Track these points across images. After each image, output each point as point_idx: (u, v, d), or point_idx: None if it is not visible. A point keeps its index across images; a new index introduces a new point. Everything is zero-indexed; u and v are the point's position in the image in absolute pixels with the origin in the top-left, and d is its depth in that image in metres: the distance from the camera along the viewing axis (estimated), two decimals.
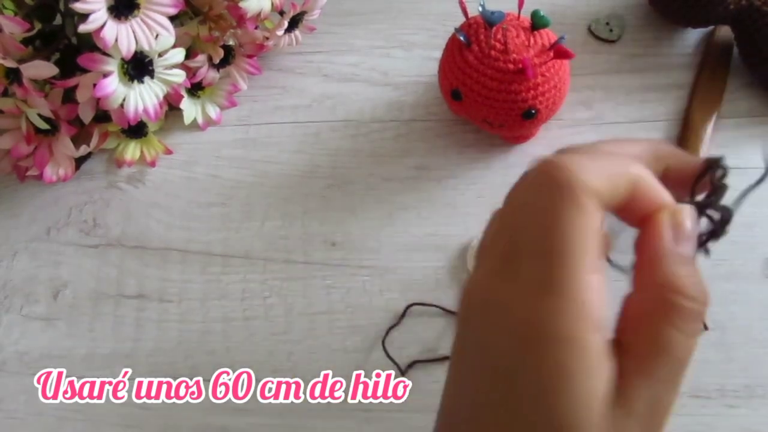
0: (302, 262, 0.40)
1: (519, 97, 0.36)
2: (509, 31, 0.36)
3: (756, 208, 0.40)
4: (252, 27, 0.41)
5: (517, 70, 0.36)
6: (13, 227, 0.43)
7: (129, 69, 0.37)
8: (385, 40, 0.47)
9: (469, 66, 0.37)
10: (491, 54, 0.36)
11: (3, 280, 0.41)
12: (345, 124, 0.44)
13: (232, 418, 0.36)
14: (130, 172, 0.44)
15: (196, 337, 0.39)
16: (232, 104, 0.45)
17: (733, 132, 0.42)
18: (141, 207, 0.43)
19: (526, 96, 0.36)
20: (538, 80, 0.36)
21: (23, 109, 0.37)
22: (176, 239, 0.41)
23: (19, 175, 0.42)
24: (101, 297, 0.40)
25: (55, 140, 0.40)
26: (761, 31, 0.41)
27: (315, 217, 0.41)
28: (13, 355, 0.39)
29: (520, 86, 0.36)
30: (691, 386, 0.33)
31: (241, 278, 0.40)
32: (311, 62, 0.47)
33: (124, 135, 0.43)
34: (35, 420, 0.37)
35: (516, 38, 0.36)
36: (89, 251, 0.41)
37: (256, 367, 0.37)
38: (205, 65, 0.42)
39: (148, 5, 0.35)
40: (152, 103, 0.39)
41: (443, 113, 0.44)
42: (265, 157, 0.44)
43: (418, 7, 0.48)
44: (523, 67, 0.35)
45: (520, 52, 0.36)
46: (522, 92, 0.36)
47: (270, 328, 0.38)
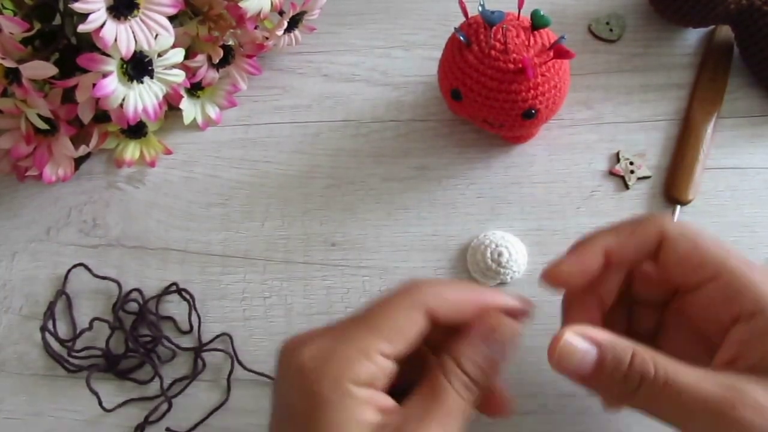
0: (302, 262, 0.40)
1: (519, 97, 0.36)
2: (509, 30, 0.36)
3: (756, 208, 0.40)
4: (252, 27, 0.41)
5: (517, 70, 0.36)
6: (12, 227, 0.42)
7: (128, 69, 0.37)
8: (385, 40, 0.47)
9: (469, 66, 0.37)
10: (491, 54, 0.36)
11: (3, 280, 0.41)
12: (345, 124, 0.44)
13: (232, 417, 0.36)
14: (129, 172, 0.44)
15: None
16: (232, 104, 0.45)
17: (733, 132, 0.42)
18: (141, 207, 0.42)
19: (526, 96, 0.36)
20: (538, 80, 0.36)
21: (23, 109, 0.37)
22: (176, 239, 0.41)
23: (18, 175, 0.42)
24: (101, 297, 0.40)
25: (55, 140, 0.40)
26: (761, 31, 0.41)
27: (315, 217, 0.41)
28: (13, 355, 0.39)
29: (520, 86, 0.36)
30: None
31: (241, 278, 0.40)
32: (311, 62, 0.47)
33: (124, 135, 0.43)
34: (35, 420, 0.37)
35: (516, 38, 0.36)
36: (89, 251, 0.41)
37: (255, 368, 0.37)
38: (204, 65, 0.42)
39: (148, 5, 0.35)
40: (152, 103, 0.39)
41: (443, 113, 0.44)
42: (265, 157, 0.44)
43: (418, 7, 0.48)
44: (523, 66, 0.35)
45: (520, 52, 0.36)
46: (522, 92, 0.36)
47: (270, 328, 0.38)
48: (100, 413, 0.36)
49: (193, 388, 0.37)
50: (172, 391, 0.37)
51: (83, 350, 0.38)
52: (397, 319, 0.26)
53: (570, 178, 0.42)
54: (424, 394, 0.25)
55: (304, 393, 0.24)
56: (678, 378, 0.25)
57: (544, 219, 0.40)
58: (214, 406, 0.36)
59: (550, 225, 0.40)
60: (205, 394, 0.37)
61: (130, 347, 0.38)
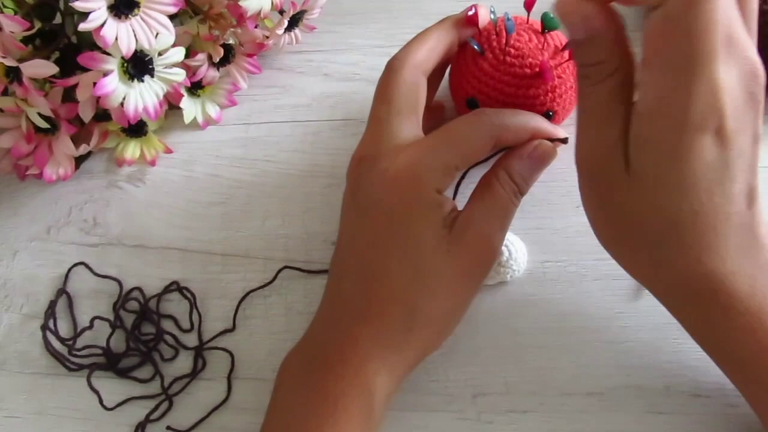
0: (302, 261, 0.40)
1: (537, 101, 0.36)
2: (521, 35, 0.36)
3: None
4: (252, 26, 0.41)
5: (534, 74, 0.36)
6: (13, 226, 0.43)
7: (129, 68, 0.37)
8: (385, 39, 0.47)
9: (485, 74, 0.36)
10: (506, 60, 0.36)
11: (3, 279, 0.41)
12: (345, 123, 0.44)
13: (233, 416, 0.36)
14: (130, 171, 0.44)
15: None
16: (232, 103, 0.45)
17: None
18: (141, 206, 0.43)
19: (545, 99, 0.36)
20: (555, 82, 0.36)
21: (23, 108, 0.37)
22: (176, 238, 0.41)
23: (19, 174, 0.42)
24: (101, 296, 0.40)
25: (55, 139, 0.40)
26: (761, 30, 0.41)
27: (315, 216, 0.41)
28: (14, 353, 0.39)
29: (538, 90, 0.36)
30: (691, 386, 0.33)
31: (241, 277, 0.40)
32: (311, 61, 0.47)
33: (124, 134, 0.43)
34: (35, 419, 0.37)
35: (529, 42, 0.36)
36: (90, 250, 0.41)
37: (255, 367, 0.38)
38: (205, 64, 0.42)
39: (148, 4, 0.35)
40: (152, 102, 0.39)
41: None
42: (266, 156, 0.44)
43: (418, 6, 0.48)
44: (541, 70, 0.35)
45: (536, 56, 0.36)
46: (540, 96, 0.36)
47: (270, 327, 0.39)
48: (100, 412, 0.37)
49: (193, 386, 0.37)
50: (172, 389, 0.37)
51: (84, 349, 0.38)
52: (472, 141, 0.32)
53: (570, 177, 0.41)
54: (484, 198, 0.33)
55: (398, 194, 0.31)
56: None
57: (544, 218, 0.40)
58: (215, 405, 0.36)
59: (550, 224, 0.40)
60: (206, 393, 0.37)
61: (131, 346, 0.38)
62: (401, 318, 0.30)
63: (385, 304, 0.31)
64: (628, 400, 0.35)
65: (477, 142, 0.32)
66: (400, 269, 0.31)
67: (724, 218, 0.27)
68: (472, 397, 0.36)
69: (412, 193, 0.31)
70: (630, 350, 0.36)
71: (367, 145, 0.33)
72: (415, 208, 0.31)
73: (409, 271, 0.30)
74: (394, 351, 0.31)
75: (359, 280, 0.32)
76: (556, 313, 0.37)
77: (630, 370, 0.36)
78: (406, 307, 0.30)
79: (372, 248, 0.31)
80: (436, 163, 0.31)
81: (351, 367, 0.30)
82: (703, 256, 0.28)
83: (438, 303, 0.31)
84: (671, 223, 0.27)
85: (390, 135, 0.32)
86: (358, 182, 0.33)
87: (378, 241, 0.31)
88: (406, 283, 0.30)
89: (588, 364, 0.36)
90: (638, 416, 0.35)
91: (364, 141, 0.34)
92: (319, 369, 0.31)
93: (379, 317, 0.31)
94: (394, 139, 0.32)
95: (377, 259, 0.31)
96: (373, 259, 0.31)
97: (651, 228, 0.28)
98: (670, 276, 0.29)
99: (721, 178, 0.26)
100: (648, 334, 0.36)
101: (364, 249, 0.32)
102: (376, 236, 0.31)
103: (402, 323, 0.31)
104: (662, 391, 0.35)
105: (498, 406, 0.35)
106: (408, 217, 0.31)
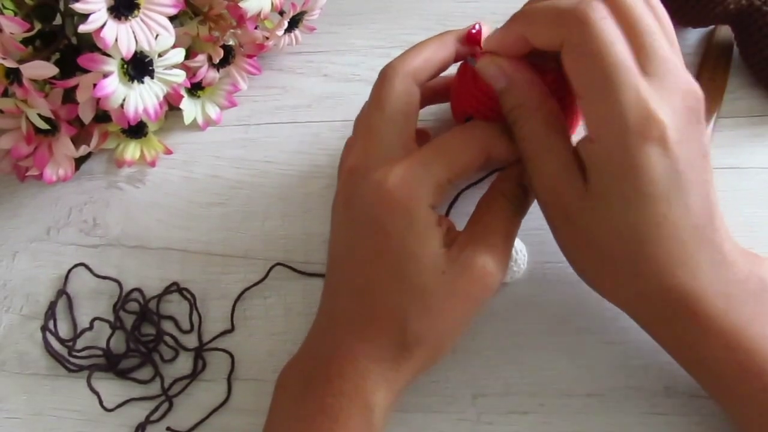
0: (302, 262, 0.40)
1: None
2: None
3: (756, 208, 0.40)
4: (252, 27, 0.41)
5: None
6: (13, 227, 0.43)
7: (129, 69, 0.37)
8: (385, 40, 0.47)
9: (483, 94, 0.36)
10: None
11: (3, 280, 0.41)
12: (345, 124, 0.44)
13: (233, 417, 0.36)
14: (130, 172, 0.44)
15: None
16: (232, 104, 0.45)
17: (732, 132, 0.42)
18: (141, 207, 0.43)
19: None
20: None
21: (23, 109, 0.37)
22: (176, 239, 0.41)
23: (19, 175, 0.42)
24: (101, 297, 0.40)
25: (55, 140, 0.40)
26: (761, 30, 0.41)
27: (315, 217, 0.41)
28: (14, 354, 0.39)
29: None
30: (691, 386, 0.33)
31: (241, 278, 0.40)
32: (311, 62, 0.47)
33: (124, 135, 0.43)
34: (35, 420, 0.37)
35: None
36: (89, 251, 0.41)
37: (256, 368, 0.38)
38: (204, 65, 0.42)
39: (148, 5, 0.35)
40: (152, 103, 0.39)
41: (442, 113, 0.44)
42: (265, 157, 0.44)
43: (418, 7, 0.48)
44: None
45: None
46: None
47: (270, 328, 0.39)
48: (100, 413, 0.37)
49: (193, 387, 0.37)
50: (172, 390, 0.37)
51: (84, 350, 0.38)
52: (465, 156, 0.31)
53: None
54: (483, 219, 0.32)
55: (394, 210, 0.30)
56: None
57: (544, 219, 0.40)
58: (215, 406, 0.37)
59: None
60: (206, 394, 0.37)
61: (131, 347, 0.38)
62: (395, 335, 0.30)
63: (381, 321, 0.30)
64: (628, 401, 0.35)
65: (468, 154, 0.31)
66: (394, 287, 0.30)
67: (688, 231, 0.27)
68: (472, 398, 0.36)
69: (408, 210, 0.30)
70: (630, 351, 0.36)
71: (359, 154, 0.32)
72: (412, 227, 0.30)
73: (404, 288, 0.30)
74: (392, 367, 0.31)
75: (355, 297, 0.31)
76: (557, 314, 0.37)
77: (630, 371, 0.36)
78: (399, 324, 0.30)
79: (368, 265, 0.31)
80: (430, 178, 0.30)
81: (350, 383, 0.30)
82: (671, 267, 0.28)
83: (430, 322, 0.30)
84: (635, 238, 0.28)
85: (382, 145, 0.32)
86: (352, 194, 0.32)
87: (374, 258, 0.31)
88: (400, 301, 0.30)
89: (588, 365, 0.36)
90: (638, 417, 0.35)
91: (355, 149, 0.33)
92: (319, 384, 0.31)
93: (376, 334, 0.31)
94: (386, 150, 0.32)
95: (373, 277, 0.31)
96: (369, 275, 0.31)
97: (616, 245, 0.28)
98: (641, 289, 0.29)
99: (676, 188, 0.27)
100: (648, 335, 0.36)
101: (360, 265, 0.31)
102: (372, 253, 0.31)
103: (396, 341, 0.30)
104: (662, 392, 0.35)
105: (498, 407, 0.35)
106: (404, 236, 0.30)
